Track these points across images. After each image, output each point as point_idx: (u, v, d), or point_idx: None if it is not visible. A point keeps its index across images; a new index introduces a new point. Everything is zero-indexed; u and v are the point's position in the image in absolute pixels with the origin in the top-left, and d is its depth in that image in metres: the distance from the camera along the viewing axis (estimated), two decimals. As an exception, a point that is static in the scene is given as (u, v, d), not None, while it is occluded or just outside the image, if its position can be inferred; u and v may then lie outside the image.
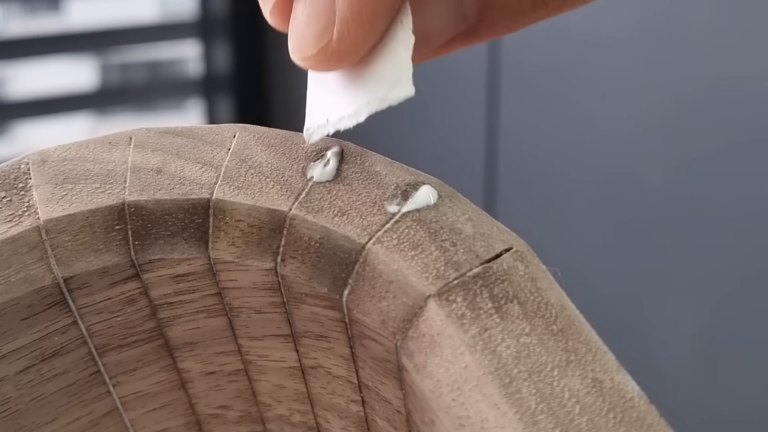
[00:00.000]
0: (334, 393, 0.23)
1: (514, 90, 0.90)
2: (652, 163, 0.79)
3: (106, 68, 1.77)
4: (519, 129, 0.92)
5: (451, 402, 0.17)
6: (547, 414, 0.16)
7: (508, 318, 0.17)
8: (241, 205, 0.20)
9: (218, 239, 0.20)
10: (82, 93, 1.39)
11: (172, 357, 0.23)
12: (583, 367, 0.17)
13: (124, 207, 0.20)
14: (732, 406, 0.77)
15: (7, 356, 0.21)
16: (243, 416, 0.25)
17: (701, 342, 0.78)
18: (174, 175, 0.20)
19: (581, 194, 0.86)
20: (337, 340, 0.21)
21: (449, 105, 0.98)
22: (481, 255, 0.18)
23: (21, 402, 0.22)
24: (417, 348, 0.18)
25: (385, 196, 0.20)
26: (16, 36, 1.40)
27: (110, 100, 1.42)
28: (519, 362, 0.17)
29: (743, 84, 0.71)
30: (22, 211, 0.20)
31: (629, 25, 0.78)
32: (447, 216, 0.19)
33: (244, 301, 0.21)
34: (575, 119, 0.85)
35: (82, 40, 1.28)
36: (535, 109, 0.89)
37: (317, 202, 0.20)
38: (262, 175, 0.20)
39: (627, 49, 0.79)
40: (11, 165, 0.21)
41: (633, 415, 0.16)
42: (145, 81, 1.76)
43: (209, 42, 1.25)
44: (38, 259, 0.20)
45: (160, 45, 1.42)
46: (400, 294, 0.18)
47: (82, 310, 0.21)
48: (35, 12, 1.75)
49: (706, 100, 0.74)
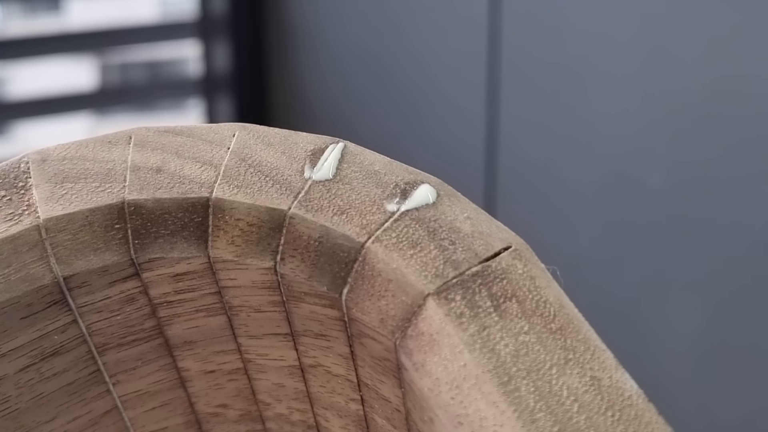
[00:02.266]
0: (333, 391, 0.23)
1: (514, 89, 0.90)
2: (652, 162, 0.79)
3: (106, 68, 1.77)
4: (519, 128, 0.92)
5: (449, 400, 0.17)
6: (546, 412, 0.16)
7: (506, 316, 0.17)
8: (241, 204, 0.20)
9: (218, 238, 0.20)
10: (82, 93, 1.39)
11: (172, 356, 0.23)
12: (582, 365, 0.17)
13: (123, 206, 0.20)
14: (730, 405, 0.77)
15: (6, 355, 0.21)
16: (242, 415, 0.25)
17: (700, 341, 0.78)
18: (173, 174, 0.20)
19: (581, 193, 0.86)
20: (337, 339, 0.21)
21: (449, 104, 0.98)
22: (480, 254, 0.18)
23: (21, 401, 0.22)
24: (416, 346, 0.18)
25: (384, 195, 0.20)
26: (16, 36, 1.40)
27: (110, 100, 1.42)
28: (517, 360, 0.17)
29: (744, 83, 0.71)
30: (22, 210, 0.20)
31: (630, 23, 0.78)
32: (446, 215, 0.19)
33: (243, 299, 0.21)
34: (575, 118, 0.85)
35: (82, 40, 1.28)
36: (536, 109, 0.89)
37: (316, 201, 0.20)
38: (261, 174, 0.20)
39: (627, 47, 0.79)
40: (11, 164, 0.21)
41: (631, 413, 0.16)
42: (145, 81, 1.76)
43: (209, 42, 1.25)
44: (38, 257, 0.20)
45: (160, 45, 1.42)
46: (399, 292, 0.18)
47: (81, 308, 0.21)
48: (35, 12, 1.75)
49: (707, 99, 0.74)
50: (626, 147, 0.81)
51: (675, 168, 0.78)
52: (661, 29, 0.77)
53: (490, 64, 0.92)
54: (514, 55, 0.90)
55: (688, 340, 0.79)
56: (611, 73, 0.81)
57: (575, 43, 0.83)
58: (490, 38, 0.90)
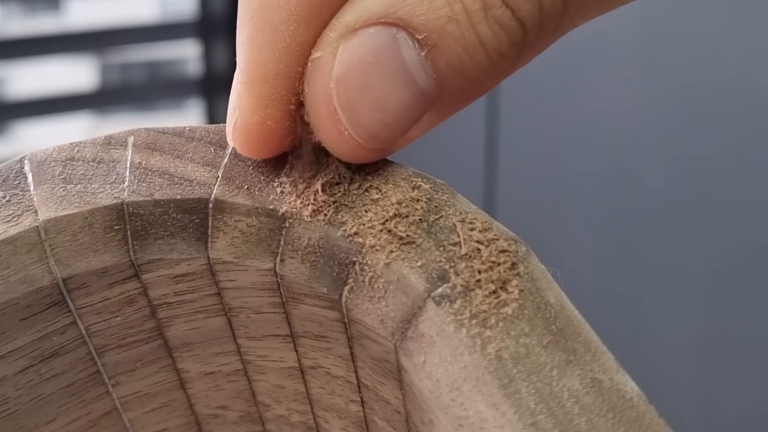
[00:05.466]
0: (333, 393, 0.23)
1: (514, 89, 0.90)
2: (652, 162, 0.79)
3: (106, 68, 1.77)
4: (519, 128, 0.92)
5: (450, 402, 0.17)
6: (546, 414, 0.16)
7: (507, 318, 0.17)
8: (241, 205, 0.20)
9: (217, 239, 0.20)
10: (82, 93, 1.39)
11: (171, 357, 0.23)
12: (582, 367, 0.17)
13: (123, 207, 0.20)
14: (731, 405, 0.77)
15: (6, 356, 0.21)
16: (242, 416, 0.25)
17: (701, 341, 0.78)
18: (173, 175, 0.20)
19: (581, 193, 0.86)
20: (336, 341, 0.21)
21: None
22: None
23: (20, 402, 0.22)
24: (416, 348, 0.18)
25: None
26: (16, 36, 1.40)
27: (110, 100, 1.42)
28: (518, 362, 0.17)
29: (744, 83, 0.71)
30: (21, 211, 0.20)
31: (629, 23, 0.78)
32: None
33: (243, 301, 0.21)
34: (575, 118, 0.85)
35: (82, 40, 1.28)
36: (535, 108, 0.89)
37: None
38: (261, 175, 0.20)
39: (627, 47, 0.79)
40: (10, 165, 0.21)
41: (632, 415, 0.16)
42: (145, 81, 1.76)
43: (209, 42, 1.25)
44: (37, 259, 0.20)
45: (160, 45, 1.42)
46: (399, 294, 0.18)
47: (81, 310, 0.21)
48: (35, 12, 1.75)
49: (706, 98, 0.74)
50: (626, 146, 0.81)
51: (675, 167, 0.78)
52: (660, 29, 0.77)
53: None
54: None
55: (688, 339, 0.79)
56: (611, 72, 0.81)
57: (575, 43, 0.83)
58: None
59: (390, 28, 0.18)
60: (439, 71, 0.19)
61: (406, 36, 0.18)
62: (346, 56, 0.18)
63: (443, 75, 0.19)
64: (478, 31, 0.18)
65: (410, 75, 0.18)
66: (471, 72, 0.19)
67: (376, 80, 0.19)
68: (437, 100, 0.19)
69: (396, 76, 0.18)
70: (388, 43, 0.18)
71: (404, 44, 0.18)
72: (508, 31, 0.18)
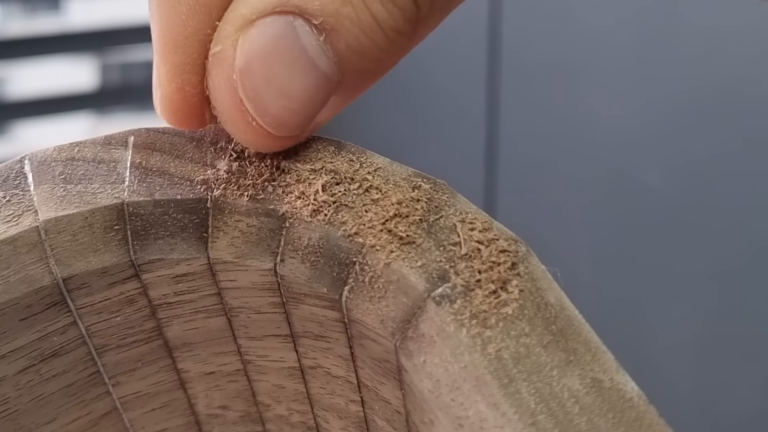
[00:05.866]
0: (333, 393, 0.23)
1: (514, 89, 0.90)
2: (652, 162, 0.79)
3: (106, 68, 1.77)
4: (519, 128, 0.92)
5: (450, 402, 0.17)
6: (547, 414, 0.16)
7: (507, 318, 0.17)
8: (241, 205, 0.20)
9: (217, 239, 0.20)
10: (82, 93, 1.39)
11: (172, 357, 0.23)
12: (583, 367, 0.17)
13: (123, 207, 0.20)
14: (731, 405, 0.77)
15: (6, 356, 0.21)
16: (242, 416, 0.25)
17: (701, 341, 0.78)
18: (173, 175, 0.20)
19: (581, 193, 0.86)
20: (337, 341, 0.21)
21: (449, 104, 0.98)
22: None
23: (20, 402, 0.22)
24: (416, 348, 0.18)
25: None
26: (16, 36, 1.39)
27: (110, 100, 1.42)
28: (518, 362, 0.17)
29: (744, 83, 0.71)
30: (21, 211, 0.20)
31: (629, 23, 0.78)
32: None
33: (243, 301, 0.21)
34: (575, 118, 0.85)
35: (82, 40, 1.28)
36: (535, 108, 0.89)
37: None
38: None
39: (627, 47, 0.79)
40: (10, 165, 0.21)
41: (632, 415, 0.16)
42: (145, 81, 1.76)
43: (209, 42, 1.25)
44: (37, 259, 0.20)
45: (160, 45, 1.42)
46: (399, 294, 0.18)
47: (81, 310, 0.21)
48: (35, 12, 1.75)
49: (706, 98, 0.74)
50: (626, 146, 0.81)
51: (674, 167, 0.78)
52: (660, 29, 0.77)
53: (490, 64, 0.92)
54: (513, 55, 0.90)
55: (688, 339, 0.79)
56: (611, 72, 0.81)
57: (575, 43, 0.83)
58: (490, 38, 0.90)
59: (286, 17, 0.19)
60: (339, 54, 0.19)
61: (303, 23, 0.19)
62: (246, 47, 0.19)
63: (344, 57, 0.19)
64: (372, 10, 0.18)
65: (311, 60, 0.19)
66: (370, 52, 0.19)
67: (278, 68, 0.19)
68: (341, 83, 0.19)
69: (298, 62, 0.19)
70: (286, 31, 0.19)
71: (302, 31, 0.19)
72: (402, 8, 0.19)
